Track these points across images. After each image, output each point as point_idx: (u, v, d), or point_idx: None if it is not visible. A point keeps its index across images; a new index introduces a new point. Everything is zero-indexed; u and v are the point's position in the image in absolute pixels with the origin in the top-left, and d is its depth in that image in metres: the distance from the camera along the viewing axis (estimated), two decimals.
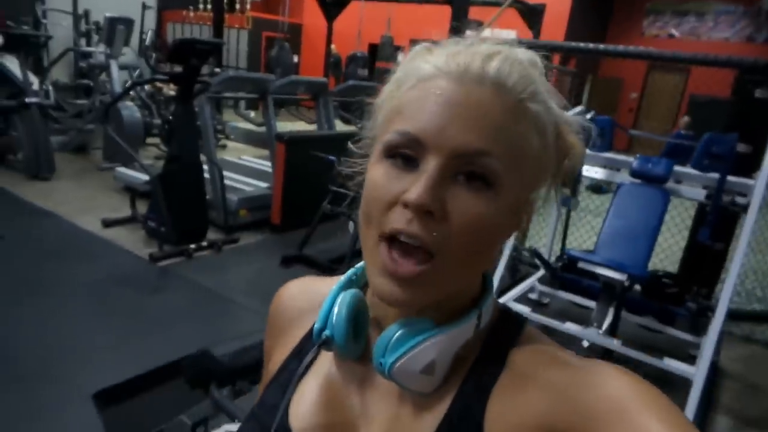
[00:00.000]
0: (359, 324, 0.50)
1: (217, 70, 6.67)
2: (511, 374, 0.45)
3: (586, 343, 3.30)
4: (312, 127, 6.95)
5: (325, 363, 0.54)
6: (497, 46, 0.44)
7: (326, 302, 0.51)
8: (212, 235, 4.33)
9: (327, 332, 0.49)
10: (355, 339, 0.50)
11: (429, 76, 0.42)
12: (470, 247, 0.42)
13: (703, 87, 11.16)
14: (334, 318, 0.49)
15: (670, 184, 3.20)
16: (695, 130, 9.68)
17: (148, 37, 8.62)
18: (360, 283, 0.54)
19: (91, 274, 3.56)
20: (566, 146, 0.46)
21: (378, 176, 0.43)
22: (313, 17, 13.24)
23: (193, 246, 4.03)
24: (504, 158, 0.41)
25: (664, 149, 3.53)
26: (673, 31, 13.11)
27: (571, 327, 3.06)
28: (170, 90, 8.28)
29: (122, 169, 5.44)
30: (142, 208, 4.44)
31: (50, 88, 6.38)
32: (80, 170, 6.14)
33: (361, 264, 0.53)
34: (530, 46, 0.47)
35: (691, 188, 3.23)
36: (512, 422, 0.43)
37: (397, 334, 0.45)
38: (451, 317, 0.46)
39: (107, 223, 4.42)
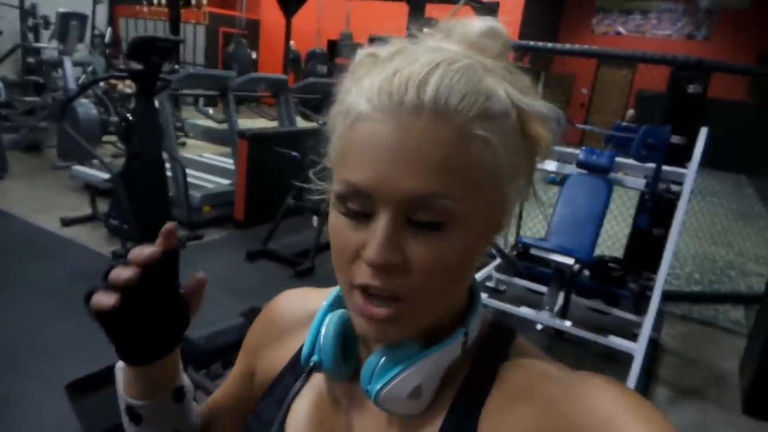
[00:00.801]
0: (348, 345, 0.50)
1: (176, 66, 6.62)
2: (502, 390, 0.45)
3: (539, 326, 3.52)
4: (273, 124, 6.99)
5: (317, 381, 0.54)
6: (437, 55, 0.40)
7: (314, 325, 0.50)
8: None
9: (315, 357, 0.49)
10: (344, 361, 0.49)
11: (364, 115, 0.40)
12: (439, 286, 0.41)
13: (649, 82, 11.73)
14: (322, 342, 0.49)
15: (613, 174, 3.44)
16: (642, 123, 10.16)
17: (107, 34, 8.43)
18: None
19: (52, 272, 3.55)
20: (533, 139, 0.43)
21: (337, 226, 0.42)
22: (271, 13, 13.16)
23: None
24: (455, 191, 0.39)
25: (604, 140, 3.77)
26: (620, 29, 13.68)
27: (525, 311, 3.26)
28: (126, 87, 8.14)
29: (79, 168, 5.36)
30: (102, 206, 4.41)
31: (0, 85, 6.19)
32: (34, 169, 6.00)
33: None
34: None
35: (632, 178, 3.48)
36: None
37: (381, 361, 0.45)
38: (438, 336, 0.46)
39: (66, 222, 4.38)
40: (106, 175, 4.79)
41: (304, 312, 0.59)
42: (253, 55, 12.52)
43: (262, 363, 0.60)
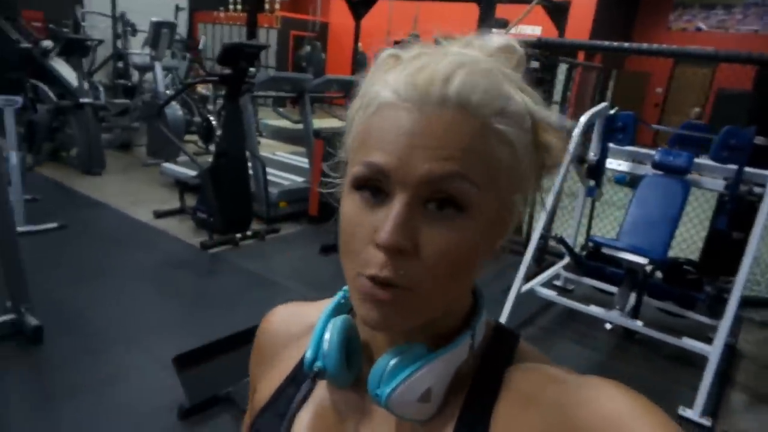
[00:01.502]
0: (351, 351, 0.50)
1: (252, 69, 6.99)
2: (510, 395, 0.45)
3: (609, 326, 3.52)
4: (342, 124, 7.23)
5: (320, 390, 0.53)
6: (461, 57, 0.42)
7: (316, 330, 0.50)
8: (255, 225, 4.65)
9: (319, 363, 0.49)
10: (347, 367, 0.49)
11: (389, 104, 0.41)
12: (446, 276, 0.41)
13: (732, 80, 11.14)
14: (326, 347, 0.48)
15: (691, 175, 3.39)
16: (722, 123, 9.66)
17: (201, 42, 8.99)
18: (348, 307, 0.54)
19: (150, 259, 3.91)
20: (545, 148, 0.44)
21: (350, 211, 0.42)
22: (339, 16, 13.51)
23: (239, 235, 4.34)
24: (474, 178, 0.40)
25: (671, 138, 3.69)
26: (701, 25, 13.02)
27: (594, 309, 3.27)
28: (204, 90, 8.66)
29: (168, 165, 5.80)
30: (190, 200, 4.78)
31: (101, 88, 6.77)
32: (127, 166, 6.54)
33: (347, 287, 0.51)
34: (555, 45, 0.50)
35: (710, 179, 3.41)
36: None
37: (391, 363, 0.44)
38: (443, 339, 0.46)
39: (158, 214, 4.78)
40: (192, 172, 5.17)
41: (299, 326, 0.58)
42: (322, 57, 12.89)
43: (261, 384, 0.59)
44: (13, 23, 6.14)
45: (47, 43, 6.35)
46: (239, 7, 12.57)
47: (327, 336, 0.49)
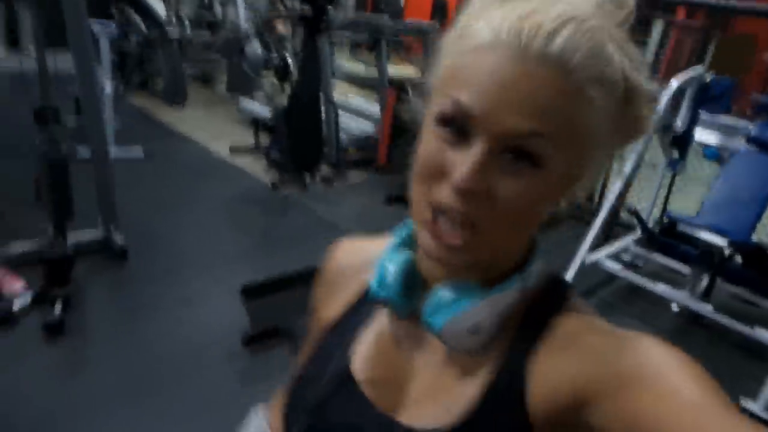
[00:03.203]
0: (411, 284, 0.52)
1: (331, 8, 6.93)
2: (552, 339, 0.47)
3: (675, 307, 3.38)
4: (417, 73, 7.09)
5: (380, 319, 0.57)
6: (572, 9, 0.41)
7: (381, 263, 0.53)
8: (324, 169, 4.75)
9: (382, 293, 0.52)
10: (407, 298, 0.52)
11: (488, 45, 0.40)
12: (512, 223, 0.43)
13: None
14: (388, 279, 0.51)
15: None
16: None
17: None
18: (410, 243, 0.56)
19: (225, 193, 4.13)
20: (635, 118, 0.44)
21: (430, 144, 0.43)
22: None
23: (308, 178, 4.46)
24: (554, 139, 0.40)
25: (756, 108, 3.37)
26: None
27: (661, 288, 3.16)
28: (283, 30, 8.70)
29: (246, 102, 5.94)
30: (264, 139, 4.93)
31: (187, 22, 6.95)
32: (208, 100, 6.80)
33: (410, 224, 0.55)
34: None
35: None
36: (551, 385, 0.45)
37: (445, 296, 0.47)
38: (497, 279, 0.48)
39: (234, 150, 4.97)
40: (268, 110, 5.29)
41: (361, 259, 0.61)
42: (401, 1, 12.54)
43: (324, 313, 0.63)
44: None
45: None
46: None
47: (391, 269, 0.52)
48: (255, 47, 6.66)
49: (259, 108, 5.65)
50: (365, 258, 0.60)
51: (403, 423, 0.51)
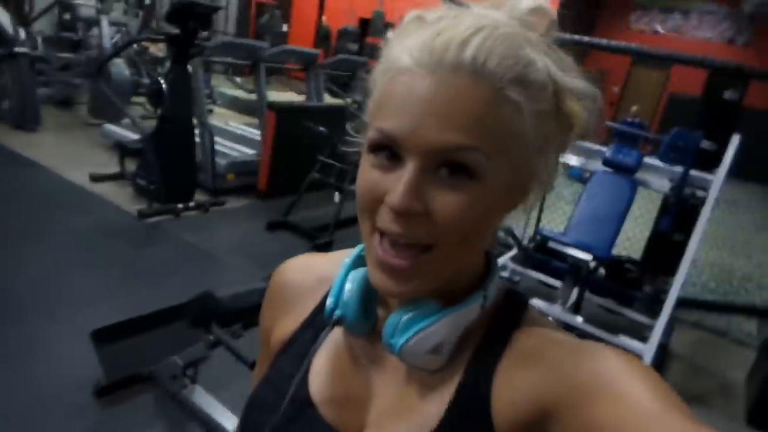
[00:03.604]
0: (368, 302, 0.51)
1: (204, 33, 6.66)
2: (514, 354, 0.47)
3: (550, 319, 3.54)
4: (301, 98, 7.02)
5: (335, 337, 0.56)
6: (482, 20, 0.41)
7: (337, 280, 0.52)
8: (199, 196, 4.44)
9: (338, 311, 0.51)
10: (365, 316, 0.51)
11: (405, 69, 0.41)
12: (458, 239, 0.42)
13: (683, 85, 11.52)
14: (345, 297, 0.51)
15: (639, 175, 3.43)
16: (671, 126, 10.04)
17: None
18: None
19: (83, 225, 3.67)
20: (568, 115, 0.44)
21: (366, 173, 0.44)
22: None
23: (180, 205, 4.14)
24: (485, 147, 0.40)
25: (615, 133, 3.75)
26: (658, 28, 13.37)
27: (537, 303, 3.29)
28: (157, 51, 8.22)
29: (110, 126, 5.46)
30: (131, 165, 4.51)
31: (39, 39, 6.29)
32: (66, 124, 6.13)
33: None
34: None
35: (657, 180, 3.47)
36: (515, 400, 0.44)
37: (405, 317, 0.46)
38: (456, 297, 0.48)
39: (95, 178, 4.49)
40: (135, 136, 4.89)
41: (312, 277, 0.60)
42: (284, 28, 12.51)
43: (276, 331, 0.60)
44: None
45: None
46: None
47: (348, 287, 0.51)
48: (122, 69, 6.19)
49: (125, 132, 5.20)
50: (318, 275, 0.60)
51: None
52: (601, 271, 3.63)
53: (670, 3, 13.13)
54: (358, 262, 0.54)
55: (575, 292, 3.36)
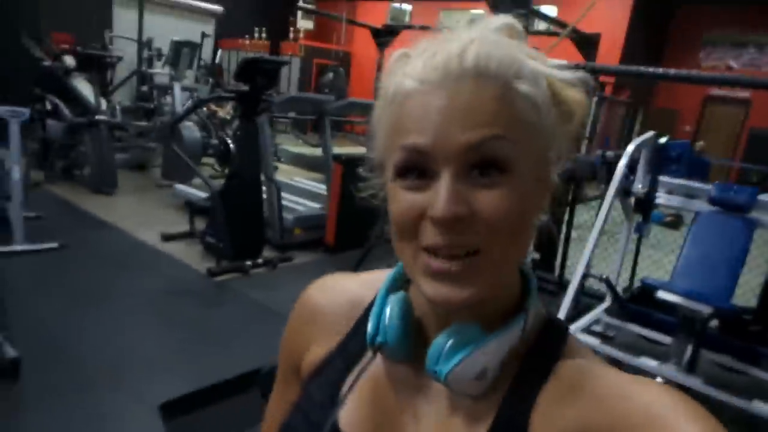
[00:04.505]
0: (408, 327, 0.50)
1: (271, 90, 6.82)
2: (555, 384, 0.46)
3: (660, 380, 3.09)
4: (364, 150, 6.99)
5: (372, 364, 0.53)
6: (470, 33, 0.44)
7: (377, 305, 0.51)
8: (267, 252, 4.34)
9: (380, 338, 0.50)
10: (407, 343, 0.50)
11: (414, 91, 0.42)
12: (505, 237, 0.42)
13: (765, 120, 10.76)
14: (387, 322, 0.50)
15: (755, 214, 3.00)
16: (755, 163, 9.31)
17: (218, 55, 8.88)
18: (402, 282, 0.55)
19: (152, 285, 3.61)
20: (566, 103, 0.46)
21: (399, 200, 0.43)
22: (363, 45, 13.50)
23: (249, 263, 4.03)
24: (509, 138, 0.41)
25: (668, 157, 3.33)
26: (732, 63, 12.73)
27: (645, 362, 2.87)
28: (225, 114, 8.54)
29: (181, 186, 5.55)
30: (200, 224, 4.50)
31: (117, 107, 6.64)
32: (140, 187, 6.33)
33: (400, 264, 0.53)
34: (603, 71, 0.53)
35: None
36: (554, 430, 0.44)
37: (449, 343, 0.46)
38: (496, 320, 0.47)
39: (166, 237, 4.50)
40: (205, 194, 4.91)
41: (343, 299, 0.59)
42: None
43: (308, 355, 0.59)
44: (38, 42, 6.07)
45: (69, 60, 6.27)
46: (264, 35, 12.61)
47: (388, 311, 0.50)
48: (192, 130, 6.39)
49: (195, 191, 5.26)
50: (349, 297, 0.59)
51: None
52: (713, 323, 3.17)
53: (742, 38, 12.52)
54: (395, 285, 0.54)
55: (689, 348, 2.91)
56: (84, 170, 5.87)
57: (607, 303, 3.60)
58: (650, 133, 3.35)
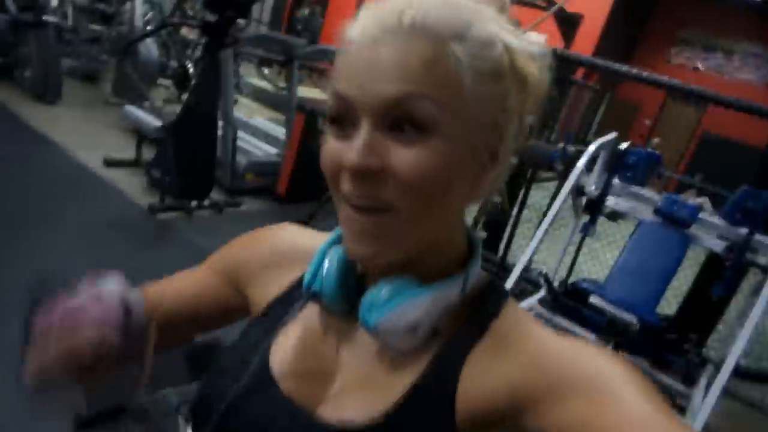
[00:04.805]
0: (347, 280, 0.51)
1: (241, 21, 6.43)
2: (488, 343, 0.46)
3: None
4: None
5: (308, 313, 0.55)
6: None
7: (316, 257, 0.52)
8: (215, 195, 4.20)
9: (316, 285, 0.51)
10: (342, 294, 0.51)
11: (354, 42, 0.43)
12: (418, 197, 0.42)
13: (718, 126, 11.16)
14: (324, 273, 0.50)
15: (692, 230, 3.13)
16: (702, 166, 9.70)
17: None
18: None
19: (87, 217, 3.43)
20: (522, 74, 0.45)
21: (328, 145, 0.44)
22: None
23: (194, 203, 3.90)
24: (432, 99, 0.40)
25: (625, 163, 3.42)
26: (699, 65, 13.02)
27: None
28: (188, 33, 8.01)
29: (131, 108, 5.22)
30: (148, 153, 4.29)
31: (70, 9, 6.10)
32: (87, 101, 5.94)
33: None
34: (571, 60, 0.45)
35: (710, 238, 3.17)
36: (484, 387, 0.44)
37: (383, 292, 0.46)
38: (435, 278, 0.47)
39: (109, 163, 4.27)
40: (157, 122, 4.66)
41: (306, 247, 0.59)
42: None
43: (255, 282, 0.60)
44: None
45: None
46: None
47: (326, 263, 0.51)
48: (150, 49, 5.99)
49: (147, 117, 4.97)
50: (304, 249, 0.59)
51: (322, 418, 0.50)
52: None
53: (712, 41, 12.77)
54: (338, 240, 0.53)
55: (608, 349, 3.07)
56: (25, 72, 5.42)
57: (542, 293, 3.73)
58: (612, 135, 3.39)
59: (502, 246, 4.50)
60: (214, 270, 0.65)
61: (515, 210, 4.46)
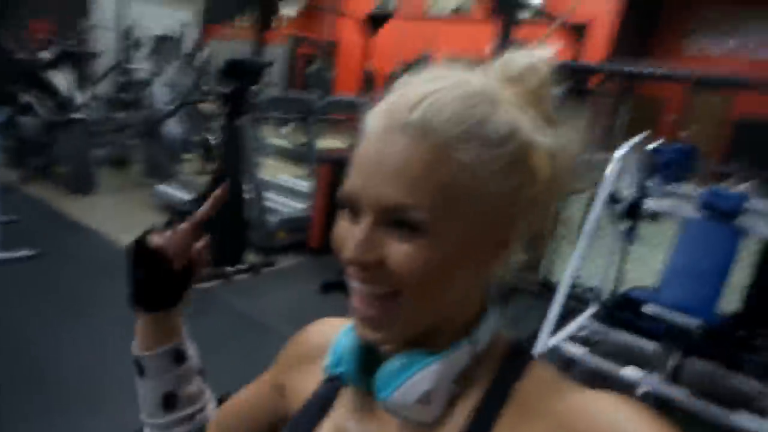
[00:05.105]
0: (370, 360, 0.50)
1: (254, 88, 6.67)
2: (515, 407, 0.46)
3: (642, 390, 3.08)
4: (346, 145, 6.89)
5: (343, 399, 0.55)
6: (442, 82, 0.44)
7: (337, 339, 0.52)
8: (251, 257, 4.26)
9: (337, 368, 0.51)
10: (361, 372, 0.50)
11: (367, 134, 0.44)
12: (418, 288, 0.43)
13: (754, 106, 10.77)
14: (342, 353, 0.51)
15: (743, 220, 2.98)
16: (742, 152, 9.32)
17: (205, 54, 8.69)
18: None
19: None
20: (529, 170, 0.45)
21: (339, 225, 0.46)
22: (349, 33, 13.31)
23: (231, 269, 3.96)
24: (425, 204, 0.41)
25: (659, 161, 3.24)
26: (713, 52, 12.76)
27: (630, 372, 2.86)
28: (208, 108, 8.34)
29: (162, 187, 5.42)
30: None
31: (94, 103, 6.46)
32: (121, 186, 6.20)
33: None
34: (581, 69, 0.40)
35: (763, 224, 3.00)
36: None
37: (392, 367, 0.47)
38: (444, 346, 0.47)
39: None
40: (188, 196, 4.81)
41: (328, 341, 0.58)
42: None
43: (291, 382, 0.61)
44: (16, 31, 5.86)
45: (45, 55, 6.07)
46: (249, 21, 12.35)
47: (344, 342, 0.52)
48: (172, 128, 6.25)
49: (177, 192, 5.14)
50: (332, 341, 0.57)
51: None
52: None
53: (728, 24, 12.53)
54: None
55: (673, 357, 2.90)
56: (60, 169, 5.72)
57: (593, 309, 3.59)
58: (641, 135, 3.30)
59: (542, 264, 4.38)
60: (268, 381, 0.66)
61: (552, 227, 4.36)
